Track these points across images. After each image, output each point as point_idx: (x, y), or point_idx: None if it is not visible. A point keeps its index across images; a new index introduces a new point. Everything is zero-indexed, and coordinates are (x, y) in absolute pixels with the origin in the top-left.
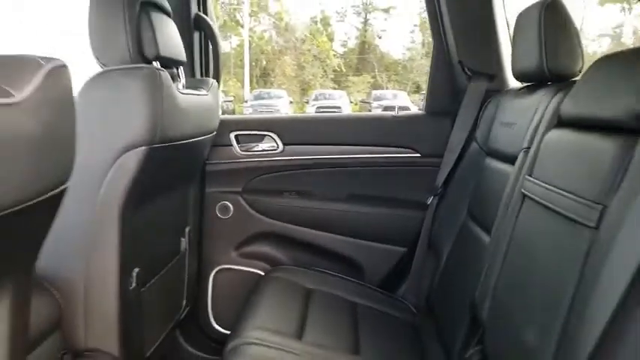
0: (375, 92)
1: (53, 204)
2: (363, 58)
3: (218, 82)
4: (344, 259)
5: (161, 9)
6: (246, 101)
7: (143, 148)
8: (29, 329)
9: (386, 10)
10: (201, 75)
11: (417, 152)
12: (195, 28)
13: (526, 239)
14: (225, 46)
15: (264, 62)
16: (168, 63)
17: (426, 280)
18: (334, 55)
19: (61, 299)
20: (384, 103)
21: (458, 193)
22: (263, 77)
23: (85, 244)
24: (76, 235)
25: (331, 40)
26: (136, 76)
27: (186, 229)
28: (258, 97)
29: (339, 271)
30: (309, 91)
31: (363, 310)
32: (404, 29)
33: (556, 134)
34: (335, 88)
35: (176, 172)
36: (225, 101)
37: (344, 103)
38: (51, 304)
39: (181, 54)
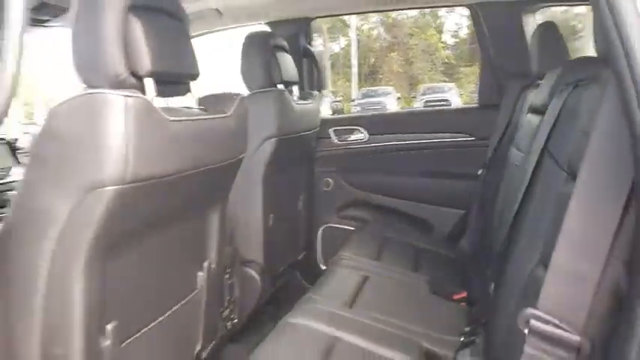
0: None
1: (239, 163)
2: (475, 47)
3: (320, 92)
4: (418, 219)
5: (283, 48)
6: (353, 100)
7: (275, 138)
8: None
9: None
10: (309, 88)
11: (472, 136)
12: (303, 56)
13: (509, 186)
14: (334, 47)
15: (372, 60)
16: (287, 84)
17: (479, 233)
18: (443, 47)
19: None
20: None
21: (499, 165)
22: (371, 75)
23: (243, 194)
24: (237, 187)
25: (440, 32)
26: (271, 96)
27: (301, 196)
28: (365, 96)
29: (413, 229)
30: (417, 86)
31: (426, 252)
32: None
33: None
34: (445, 81)
35: (294, 157)
36: (334, 101)
37: (453, 96)
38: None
39: (295, 76)
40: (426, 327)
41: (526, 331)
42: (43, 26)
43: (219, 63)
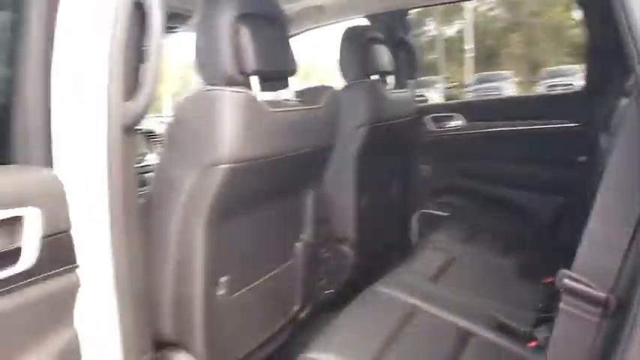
0: None
1: (330, 149)
2: None
3: (415, 81)
4: (515, 206)
5: (378, 40)
6: (467, 86)
7: (368, 126)
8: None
9: None
10: (406, 77)
11: (576, 122)
12: (400, 45)
13: (599, 171)
14: (448, 31)
15: (490, 43)
16: (382, 74)
17: (576, 221)
18: (572, 26)
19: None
20: None
21: (598, 151)
22: (489, 59)
23: (337, 177)
24: (333, 171)
25: (569, 9)
26: (364, 86)
27: (395, 182)
28: (481, 81)
29: (509, 216)
30: (540, 70)
31: (520, 238)
32: None
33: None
34: (574, 63)
35: (388, 143)
36: (447, 87)
37: (579, 80)
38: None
39: (390, 67)
40: (505, 303)
41: (561, 290)
42: (172, 32)
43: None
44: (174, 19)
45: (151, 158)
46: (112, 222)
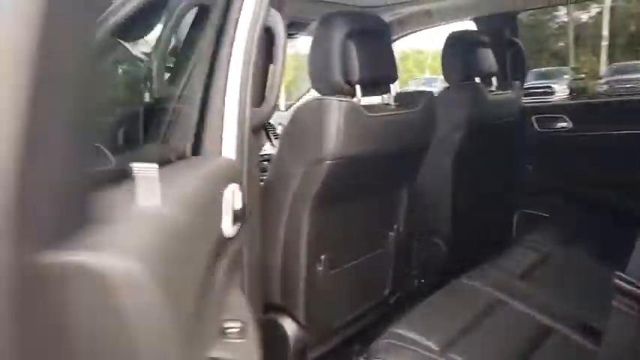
0: None
1: (424, 150)
2: None
3: (522, 82)
4: (616, 210)
5: (483, 43)
6: (600, 77)
7: (466, 127)
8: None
9: None
10: (513, 78)
11: None
12: (508, 47)
13: None
14: (582, 16)
15: (631, 28)
16: (486, 76)
17: None
18: None
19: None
20: None
21: None
22: (629, 46)
23: (435, 175)
24: (430, 169)
25: None
26: (464, 89)
27: (496, 181)
28: (616, 72)
29: (615, 222)
30: None
31: (624, 244)
32: None
33: None
34: None
35: (488, 144)
36: (574, 79)
37: None
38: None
39: (493, 69)
40: (592, 305)
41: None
42: (293, 38)
43: None
44: (294, 27)
45: (269, 148)
46: None
